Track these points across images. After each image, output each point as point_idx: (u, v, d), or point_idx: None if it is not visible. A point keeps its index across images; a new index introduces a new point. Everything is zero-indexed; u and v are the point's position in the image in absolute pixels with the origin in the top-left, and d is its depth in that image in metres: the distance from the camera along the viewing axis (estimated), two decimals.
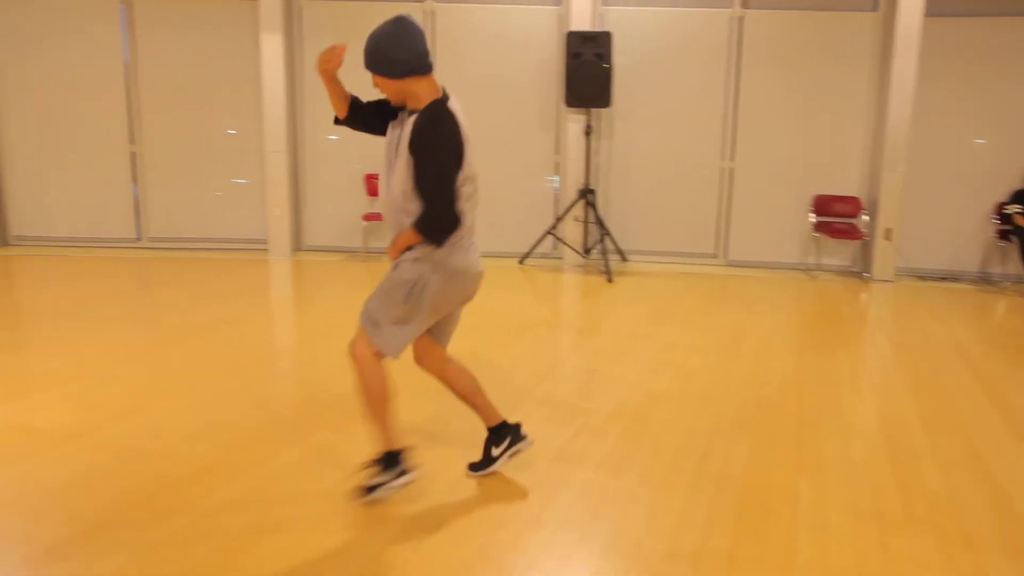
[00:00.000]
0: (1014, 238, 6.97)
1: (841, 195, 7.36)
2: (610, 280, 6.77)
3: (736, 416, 3.60)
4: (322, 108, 7.50)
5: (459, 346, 4.63)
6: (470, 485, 2.85)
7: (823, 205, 7.37)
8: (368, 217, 7.46)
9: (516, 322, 5.31)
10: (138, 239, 7.81)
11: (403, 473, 2.71)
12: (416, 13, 7.37)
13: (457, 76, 7.46)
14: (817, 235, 7.37)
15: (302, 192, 7.75)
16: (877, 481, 2.96)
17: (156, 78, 7.53)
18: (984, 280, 7.29)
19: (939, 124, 7.18)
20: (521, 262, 7.50)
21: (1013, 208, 6.99)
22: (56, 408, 3.50)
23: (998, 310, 6.18)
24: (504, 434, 2.93)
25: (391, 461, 2.69)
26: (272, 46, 7.16)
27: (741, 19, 7.22)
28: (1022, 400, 3.94)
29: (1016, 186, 7.11)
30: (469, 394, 2.88)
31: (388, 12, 7.76)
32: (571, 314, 5.76)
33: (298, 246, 7.82)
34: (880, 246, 7.13)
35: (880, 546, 2.50)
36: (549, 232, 7.39)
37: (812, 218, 7.38)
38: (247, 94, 7.52)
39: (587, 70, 6.70)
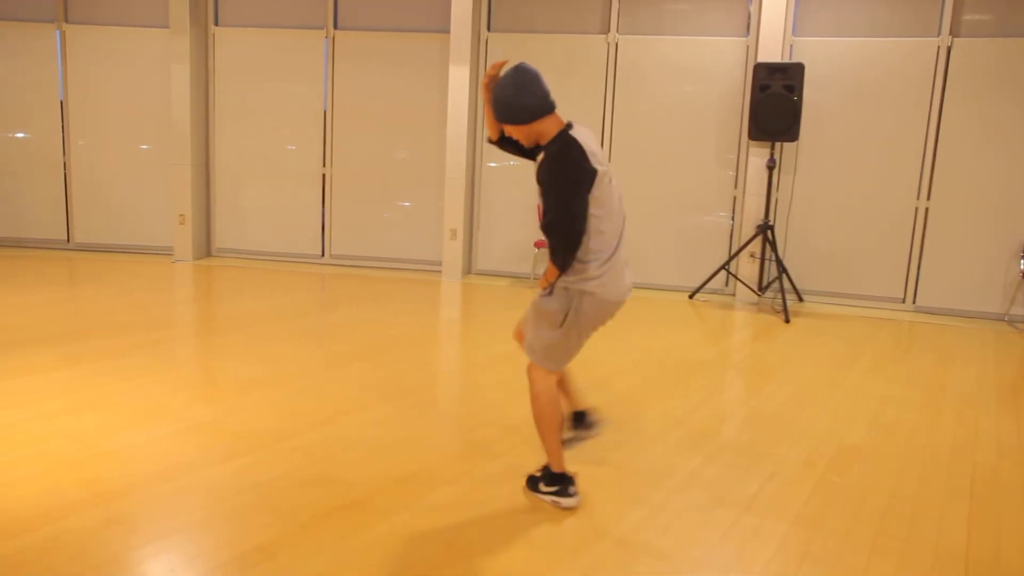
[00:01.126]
0: None
1: None
2: (787, 320, 6.44)
3: (948, 482, 3.28)
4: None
5: (629, 381, 4.56)
6: (655, 524, 2.76)
7: None
8: (540, 244, 7.55)
9: (690, 359, 5.16)
10: (322, 255, 8.32)
11: (565, 495, 2.85)
12: (599, 45, 7.44)
13: (637, 108, 7.44)
14: None
15: (476, 217, 7.98)
16: None
17: (350, 106, 8.04)
18: None
19: None
20: (691, 297, 7.31)
21: None
22: (259, 412, 3.75)
23: None
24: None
25: (553, 480, 2.87)
26: (459, 77, 7.45)
27: (949, 48, 6.71)
28: None
29: None
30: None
31: (569, 44, 7.85)
32: (747, 354, 5.52)
33: (469, 269, 8.04)
34: None
35: None
36: (723, 268, 7.16)
37: (1022, 264, 6.69)
38: (431, 122, 7.87)
39: (774, 103, 6.47)
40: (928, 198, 6.94)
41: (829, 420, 4.00)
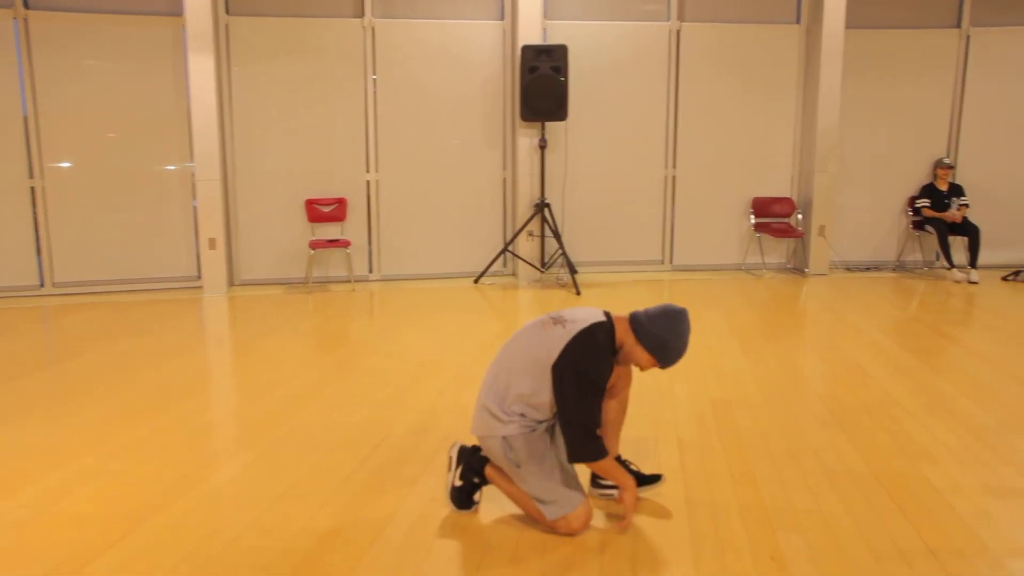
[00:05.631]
0: (930, 228, 7.62)
1: (777, 196, 7.76)
2: (578, 293, 6.73)
3: (811, 408, 3.65)
4: (249, 131, 6.98)
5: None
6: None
7: (761, 207, 7.73)
8: (315, 244, 6.99)
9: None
10: (41, 285, 6.90)
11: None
12: (356, 30, 7.04)
13: (400, 93, 7.19)
14: (758, 235, 7.72)
15: (235, 222, 7.16)
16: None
17: (57, 102, 6.71)
18: (901, 268, 7.93)
19: (859, 127, 7.76)
20: (476, 281, 7.31)
21: (922, 202, 7.66)
22: (90, 492, 2.97)
23: (918, 292, 6.73)
24: None
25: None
26: (201, 67, 6.56)
27: (678, 32, 7.45)
28: None
29: (924, 182, 7.81)
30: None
31: (322, 27, 7.28)
32: None
33: (232, 280, 7.21)
34: (815, 242, 7.57)
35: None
36: (505, 249, 7.26)
37: (752, 220, 7.71)
38: (168, 118, 6.87)
39: (544, 84, 6.65)
40: (674, 167, 7.68)
41: (684, 382, 4.24)
